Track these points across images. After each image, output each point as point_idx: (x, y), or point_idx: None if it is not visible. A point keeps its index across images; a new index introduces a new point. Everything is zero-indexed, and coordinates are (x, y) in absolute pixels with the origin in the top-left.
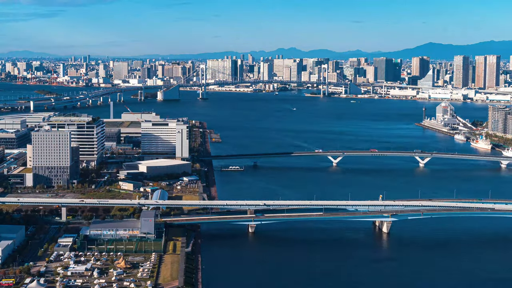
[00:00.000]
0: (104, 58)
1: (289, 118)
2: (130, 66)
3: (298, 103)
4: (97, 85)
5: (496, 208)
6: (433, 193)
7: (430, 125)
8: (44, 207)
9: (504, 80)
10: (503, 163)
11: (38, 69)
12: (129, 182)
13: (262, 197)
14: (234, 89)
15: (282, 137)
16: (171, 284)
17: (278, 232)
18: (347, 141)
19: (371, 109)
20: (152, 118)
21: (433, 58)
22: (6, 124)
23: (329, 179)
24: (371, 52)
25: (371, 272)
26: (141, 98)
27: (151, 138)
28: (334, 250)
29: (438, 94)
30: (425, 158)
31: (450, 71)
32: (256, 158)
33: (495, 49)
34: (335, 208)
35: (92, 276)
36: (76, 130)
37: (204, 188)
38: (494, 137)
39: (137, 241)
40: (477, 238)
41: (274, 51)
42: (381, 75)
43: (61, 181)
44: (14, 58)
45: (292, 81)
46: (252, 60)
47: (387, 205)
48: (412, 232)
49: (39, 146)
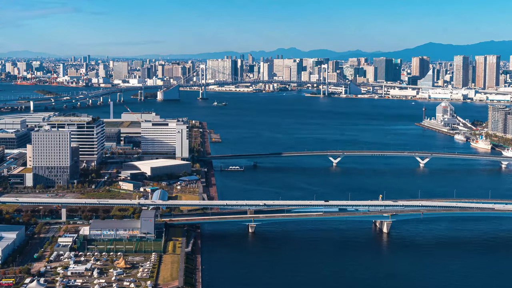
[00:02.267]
0: (104, 58)
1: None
2: (130, 66)
3: (299, 103)
4: (97, 85)
5: (496, 208)
6: (433, 193)
7: (430, 125)
8: (44, 207)
9: (504, 80)
10: (503, 163)
11: (38, 69)
12: (129, 182)
13: (262, 197)
14: (234, 89)
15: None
16: (171, 284)
17: (278, 232)
18: (347, 141)
19: (371, 109)
20: (152, 118)
21: (433, 58)
22: (6, 124)
23: (329, 179)
24: (371, 52)
25: (371, 272)
26: (141, 98)
27: (151, 138)
28: (334, 250)
29: (438, 94)
30: (425, 158)
31: (450, 71)
32: (256, 158)
33: (495, 49)
34: (335, 208)
35: (92, 276)
36: (76, 130)
37: (204, 188)
38: (494, 137)
39: (137, 241)
40: (477, 238)
41: (274, 51)
42: (381, 75)
43: (61, 181)
44: (14, 58)
45: (292, 81)
46: (252, 60)
47: (387, 205)
48: (412, 232)
49: (39, 146)
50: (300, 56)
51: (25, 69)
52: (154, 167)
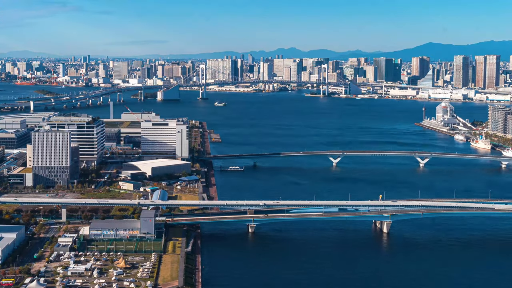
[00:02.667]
0: (104, 58)
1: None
2: (130, 66)
3: (297, 104)
4: (97, 85)
5: (496, 208)
6: (433, 193)
7: (430, 125)
8: (44, 207)
9: (504, 80)
10: (503, 163)
11: (38, 69)
12: (129, 182)
13: (262, 197)
14: (234, 89)
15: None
16: (170, 284)
17: (278, 232)
18: (347, 141)
19: (371, 109)
20: (152, 118)
21: (433, 58)
22: (6, 124)
23: (329, 179)
24: (371, 52)
25: (371, 272)
26: (141, 98)
27: (151, 138)
28: (334, 250)
29: (438, 94)
30: (425, 158)
31: (450, 71)
32: (256, 158)
33: (495, 49)
34: (335, 208)
35: (92, 276)
36: (76, 130)
37: (204, 188)
38: (494, 137)
39: (137, 241)
40: (477, 238)
41: (274, 51)
42: (381, 75)
43: (61, 181)
44: (14, 58)
45: (292, 81)
46: (252, 60)
47: (387, 205)
48: (412, 232)
49: (39, 146)
50: (300, 56)
51: (25, 69)
52: (154, 167)
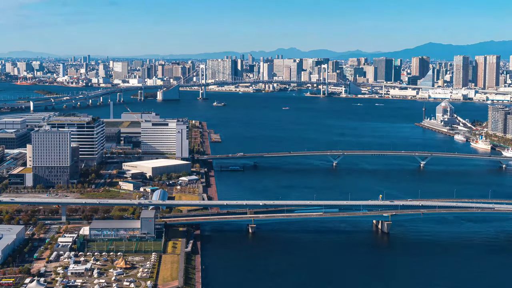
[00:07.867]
0: (104, 58)
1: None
2: (130, 66)
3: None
4: (97, 85)
5: (496, 208)
6: (433, 193)
7: (430, 125)
8: (44, 207)
9: (504, 80)
10: (503, 163)
11: (38, 69)
12: (129, 182)
13: (262, 197)
14: (234, 89)
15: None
16: (170, 284)
17: (278, 232)
18: (347, 141)
19: (371, 109)
20: (152, 118)
21: (433, 58)
22: (6, 124)
23: (329, 179)
24: (371, 52)
25: (371, 272)
26: (141, 98)
27: (151, 138)
28: (334, 250)
29: (438, 94)
30: (425, 158)
31: (450, 71)
32: (256, 158)
33: (495, 49)
34: (335, 208)
35: (91, 276)
36: (76, 130)
37: (204, 188)
38: (494, 137)
39: (137, 241)
40: (477, 238)
41: (274, 51)
42: (381, 75)
43: (61, 181)
44: (14, 58)
45: (292, 81)
46: (252, 60)
47: (387, 205)
48: (412, 232)
49: (39, 146)
50: (300, 56)
51: (25, 69)
52: (155, 167)
